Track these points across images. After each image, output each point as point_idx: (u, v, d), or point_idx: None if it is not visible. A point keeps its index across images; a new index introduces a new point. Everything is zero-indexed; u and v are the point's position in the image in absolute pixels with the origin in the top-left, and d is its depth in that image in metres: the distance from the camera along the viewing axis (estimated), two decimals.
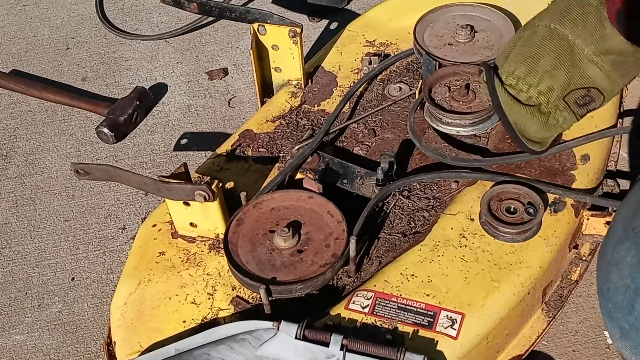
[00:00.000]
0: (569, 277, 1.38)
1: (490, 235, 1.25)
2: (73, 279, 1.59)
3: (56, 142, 1.90)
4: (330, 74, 1.64)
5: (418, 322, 1.14)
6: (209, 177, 1.29)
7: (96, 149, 1.87)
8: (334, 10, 2.21)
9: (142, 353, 1.18)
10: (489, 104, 1.42)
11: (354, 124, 1.52)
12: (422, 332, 1.13)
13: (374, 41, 1.71)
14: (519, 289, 1.19)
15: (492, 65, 1.22)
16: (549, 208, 1.28)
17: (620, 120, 1.52)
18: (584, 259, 1.39)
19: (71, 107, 1.97)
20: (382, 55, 1.65)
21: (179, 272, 1.29)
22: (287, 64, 1.58)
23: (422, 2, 1.68)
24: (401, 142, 1.47)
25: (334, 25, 2.19)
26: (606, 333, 1.38)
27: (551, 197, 1.30)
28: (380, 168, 1.33)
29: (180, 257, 1.31)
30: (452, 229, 1.27)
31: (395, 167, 1.36)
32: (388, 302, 1.17)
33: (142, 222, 1.42)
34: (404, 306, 1.16)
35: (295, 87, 1.61)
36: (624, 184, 1.48)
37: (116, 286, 1.31)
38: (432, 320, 1.14)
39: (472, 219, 1.28)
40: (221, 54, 2.13)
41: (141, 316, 1.24)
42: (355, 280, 1.25)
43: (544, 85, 1.17)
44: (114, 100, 1.94)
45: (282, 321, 1.10)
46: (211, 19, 2.19)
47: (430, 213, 1.33)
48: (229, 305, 1.23)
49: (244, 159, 1.47)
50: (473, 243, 1.24)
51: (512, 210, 1.26)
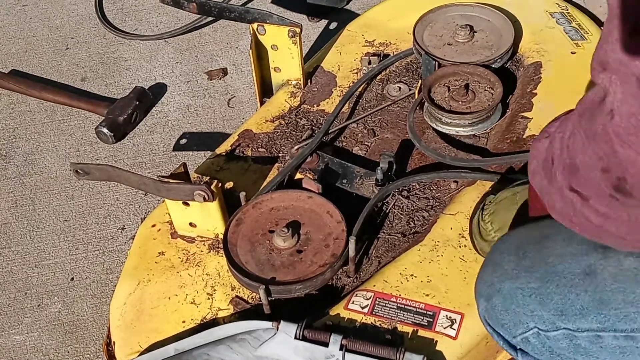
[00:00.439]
0: None
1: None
2: (72, 279, 1.59)
3: (55, 142, 1.90)
4: (329, 74, 1.64)
5: (417, 322, 1.14)
6: (208, 177, 1.29)
7: (95, 149, 1.87)
8: (333, 10, 2.21)
9: (142, 353, 1.18)
10: (488, 104, 1.42)
11: (353, 124, 1.52)
12: (422, 332, 1.13)
13: (373, 41, 1.71)
14: None
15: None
16: None
17: None
18: None
19: (70, 107, 1.97)
20: (382, 55, 1.65)
21: (178, 272, 1.29)
22: (287, 64, 1.58)
23: (421, 2, 1.68)
24: (400, 142, 1.47)
25: (333, 25, 2.19)
26: None
27: None
28: (379, 168, 1.33)
29: (179, 257, 1.31)
30: (451, 229, 1.27)
31: (394, 167, 1.36)
32: (387, 302, 1.17)
33: (142, 222, 1.42)
34: (403, 306, 1.17)
35: (294, 87, 1.61)
36: None
37: (115, 286, 1.31)
38: (431, 320, 1.14)
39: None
40: (220, 54, 2.13)
41: (140, 316, 1.24)
42: (355, 280, 1.25)
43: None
44: (114, 100, 1.94)
45: (282, 321, 1.10)
46: (210, 19, 2.19)
47: (429, 213, 1.33)
48: (228, 305, 1.23)
49: (243, 159, 1.47)
50: None
51: None
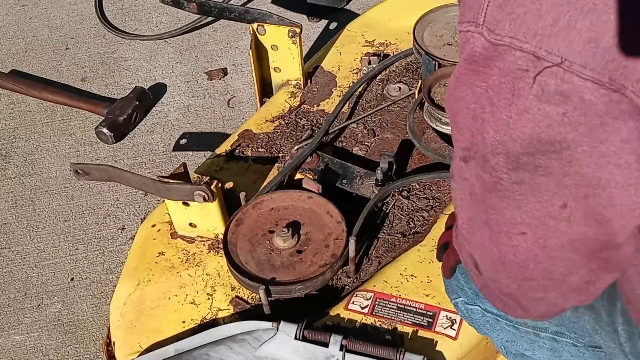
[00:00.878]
0: None
1: None
2: (72, 279, 1.59)
3: (55, 142, 1.90)
4: (329, 74, 1.64)
5: (417, 322, 1.14)
6: (208, 178, 1.29)
7: (95, 149, 1.87)
8: (333, 10, 2.21)
9: (142, 353, 1.18)
10: None
11: (353, 124, 1.52)
12: (422, 333, 1.13)
13: (373, 41, 1.71)
14: None
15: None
16: None
17: None
18: None
19: (70, 107, 1.97)
20: (382, 55, 1.64)
21: (178, 273, 1.29)
22: (287, 64, 1.58)
23: (421, 2, 1.68)
24: (400, 142, 1.47)
25: (333, 25, 2.19)
26: None
27: None
28: (379, 168, 1.33)
29: (179, 258, 1.31)
30: None
31: (394, 167, 1.36)
32: (387, 302, 1.17)
33: (142, 222, 1.42)
34: (403, 306, 1.16)
35: (294, 87, 1.61)
36: None
37: (115, 286, 1.31)
38: (431, 320, 1.14)
39: None
40: (220, 54, 2.13)
41: (140, 316, 1.24)
42: (355, 281, 1.25)
43: None
44: (114, 100, 1.94)
45: (282, 321, 1.10)
46: (210, 19, 2.19)
47: (429, 213, 1.33)
48: (228, 305, 1.23)
49: (243, 159, 1.47)
50: None
51: None
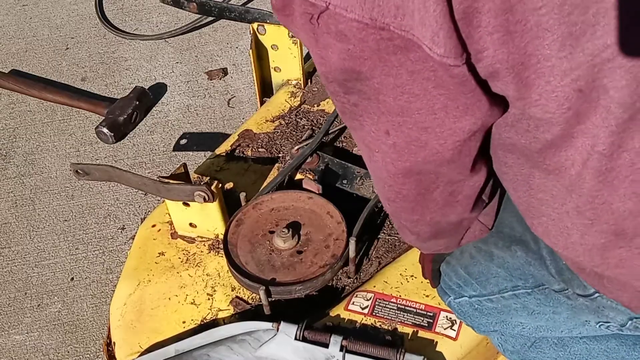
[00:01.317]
0: None
1: None
2: (72, 279, 1.59)
3: (56, 142, 1.90)
4: None
5: (418, 323, 1.14)
6: (208, 178, 1.29)
7: (96, 149, 1.87)
8: None
9: (142, 354, 1.18)
10: None
11: None
12: (422, 333, 1.13)
13: None
14: None
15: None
16: None
17: None
18: None
19: (71, 107, 1.97)
20: None
21: (178, 273, 1.29)
22: (287, 63, 1.58)
23: None
24: None
25: None
26: None
27: None
28: None
29: (179, 258, 1.31)
30: None
31: None
32: (387, 302, 1.17)
33: (142, 222, 1.42)
34: (403, 307, 1.16)
35: (294, 87, 1.61)
36: None
37: (115, 286, 1.31)
38: (431, 321, 1.14)
39: None
40: (220, 54, 2.13)
41: (141, 317, 1.24)
42: (355, 281, 1.25)
43: None
44: (114, 100, 1.94)
45: (282, 322, 1.10)
46: (211, 18, 2.19)
47: None
48: (228, 305, 1.23)
49: (243, 159, 1.47)
50: None
51: None
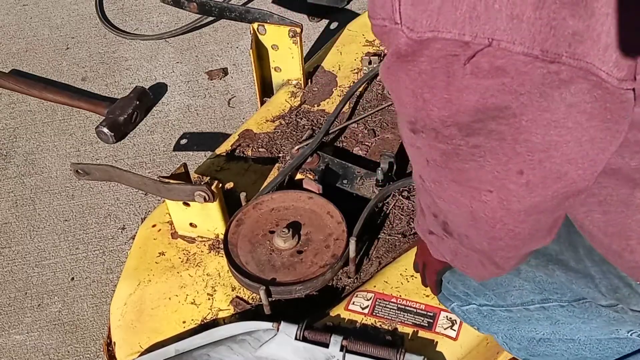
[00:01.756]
0: None
1: None
2: (73, 278, 1.59)
3: (56, 142, 1.90)
4: (330, 73, 1.64)
5: (418, 323, 1.14)
6: (208, 178, 1.29)
7: (96, 148, 1.87)
8: (334, 10, 2.21)
9: (142, 353, 1.18)
10: None
11: (353, 124, 1.52)
12: (422, 333, 1.13)
13: (373, 41, 1.71)
14: None
15: None
16: None
17: None
18: None
19: (71, 107, 1.97)
20: (382, 55, 1.64)
21: (178, 273, 1.29)
22: (287, 63, 1.58)
23: None
24: (401, 142, 1.47)
25: (334, 25, 2.19)
26: None
27: None
28: (380, 168, 1.33)
29: (180, 258, 1.31)
30: None
31: (395, 167, 1.36)
32: (388, 302, 1.17)
33: (142, 222, 1.42)
34: (403, 307, 1.16)
35: (295, 87, 1.61)
36: None
37: (116, 286, 1.31)
38: (431, 321, 1.14)
39: None
40: (221, 53, 2.13)
41: (141, 317, 1.24)
42: (355, 281, 1.25)
43: None
44: (114, 100, 1.94)
45: (282, 322, 1.10)
46: (211, 18, 2.19)
47: None
48: (228, 305, 1.23)
49: (243, 159, 1.47)
50: None
51: None
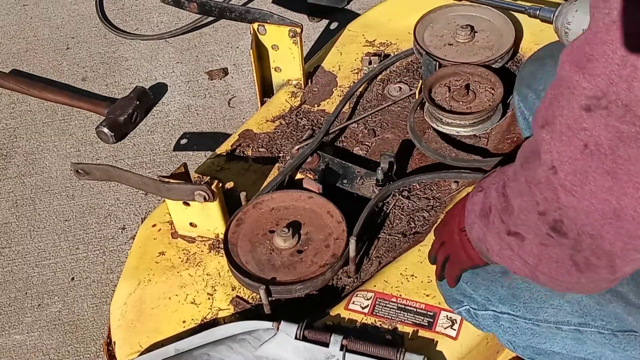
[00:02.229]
0: None
1: None
2: (73, 278, 1.59)
3: (56, 142, 1.90)
4: (330, 73, 1.64)
5: (418, 322, 1.14)
6: (208, 177, 1.29)
7: (96, 148, 1.87)
8: (334, 10, 2.21)
9: (142, 353, 1.18)
10: (489, 105, 1.42)
11: (353, 124, 1.52)
12: (422, 333, 1.13)
13: (374, 41, 1.71)
14: None
15: None
16: None
17: None
18: None
19: (71, 107, 1.97)
20: (382, 55, 1.64)
21: (178, 272, 1.29)
22: (287, 64, 1.58)
23: (422, 2, 1.68)
24: (401, 142, 1.47)
25: (334, 25, 2.19)
26: None
27: None
28: (380, 168, 1.33)
29: (180, 257, 1.31)
30: None
31: (395, 167, 1.36)
32: (388, 302, 1.17)
33: (142, 222, 1.42)
34: (403, 306, 1.16)
35: (295, 87, 1.61)
36: None
37: (116, 286, 1.31)
38: (432, 320, 1.14)
39: None
40: (221, 53, 2.13)
41: (141, 316, 1.24)
42: (355, 281, 1.25)
43: None
44: (114, 100, 1.94)
45: (282, 321, 1.10)
46: (211, 19, 2.19)
47: (430, 213, 1.33)
48: (228, 305, 1.23)
49: (243, 159, 1.47)
50: None
51: None
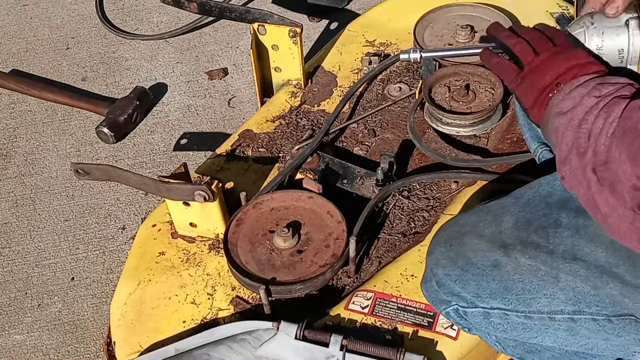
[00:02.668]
0: None
1: None
2: (73, 278, 1.59)
3: (56, 142, 1.90)
4: (330, 74, 1.64)
5: (418, 322, 1.14)
6: (208, 177, 1.29)
7: (96, 148, 1.87)
8: (334, 10, 2.21)
9: (142, 353, 1.18)
10: (489, 105, 1.42)
11: (353, 124, 1.52)
12: (422, 333, 1.13)
13: (374, 41, 1.71)
14: None
15: None
16: None
17: None
18: None
19: (71, 107, 1.97)
20: (382, 55, 1.64)
21: (178, 272, 1.29)
22: (287, 64, 1.58)
23: (422, 2, 1.68)
24: (401, 142, 1.47)
25: (334, 25, 2.19)
26: None
27: None
28: (380, 168, 1.33)
29: (180, 257, 1.31)
30: None
31: (395, 167, 1.36)
32: (388, 302, 1.17)
33: (142, 222, 1.42)
34: (403, 306, 1.16)
35: (295, 87, 1.61)
36: None
37: (116, 286, 1.31)
38: (431, 320, 1.14)
39: None
40: (221, 54, 2.13)
41: (141, 316, 1.24)
42: (355, 281, 1.25)
43: None
44: (114, 100, 1.94)
45: (282, 321, 1.10)
46: (211, 19, 2.19)
47: (430, 213, 1.33)
48: (228, 305, 1.23)
49: (243, 159, 1.47)
50: None
51: None
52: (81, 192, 1.76)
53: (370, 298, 1.17)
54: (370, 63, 1.62)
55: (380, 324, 1.15)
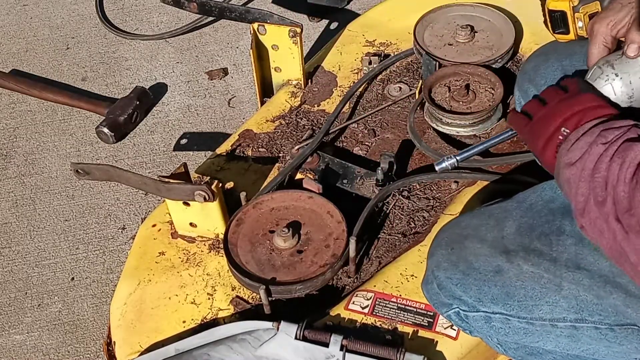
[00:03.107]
0: None
1: None
2: (73, 278, 1.59)
3: (56, 142, 1.90)
4: (330, 74, 1.64)
5: (418, 322, 1.14)
6: (208, 177, 1.29)
7: (96, 148, 1.87)
8: (334, 10, 2.21)
9: (142, 353, 1.18)
10: (489, 105, 1.42)
11: (353, 124, 1.52)
12: (422, 333, 1.13)
13: (374, 41, 1.71)
14: None
15: None
16: None
17: None
18: None
19: (71, 107, 1.97)
20: (382, 55, 1.64)
21: (178, 272, 1.29)
22: (287, 64, 1.58)
23: (422, 2, 1.68)
24: (401, 142, 1.47)
25: (334, 25, 2.19)
26: None
27: None
28: (380, 168, 1.33)
29: (180, 257, 1.31)
30: None
31: (395, 167, 1.36)
32: (388, 302, 1.17)
33: (142, 222, 1.42)
34: (403, 306, 1.16)
35: (295, 87, 1.61)
36: None
37: (116, 286, 1.31)
38: (431, 320, 1.14)
39: None
40: (221, 54, 2.13)
41: (141, 316, 1.24)
42: (355, 281, 1.25)
43: None
44: (114, 100, 1.94)
45: (282, 321, 1.10)
46: (211, 18, 2.19)
47: (430, 213, 1.33)
48: (228, 305, 1.23)
49: (243, 159, 1.47)
50: None
51: None
52: (81, 192, 1.76)
53: (370, 298, 1.17)
54: (370, 63, 1.62)
55: (380, 324, 1.15)
